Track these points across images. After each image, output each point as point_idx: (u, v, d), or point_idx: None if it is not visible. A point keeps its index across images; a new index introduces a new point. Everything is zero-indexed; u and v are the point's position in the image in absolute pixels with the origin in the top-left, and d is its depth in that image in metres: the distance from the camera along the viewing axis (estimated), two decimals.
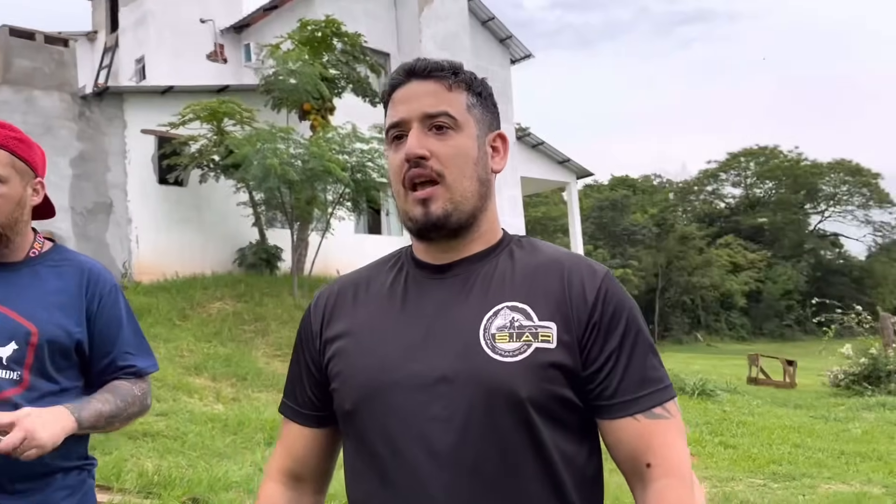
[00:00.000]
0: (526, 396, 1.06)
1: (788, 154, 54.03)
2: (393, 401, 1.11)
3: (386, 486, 1.11)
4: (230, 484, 4.98)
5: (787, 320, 48.46)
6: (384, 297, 1.20)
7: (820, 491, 6.56)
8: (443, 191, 1.13)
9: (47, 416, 1.56)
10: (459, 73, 1.19)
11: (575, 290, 1.12)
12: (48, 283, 1.76)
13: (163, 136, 13.33)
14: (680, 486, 1.09)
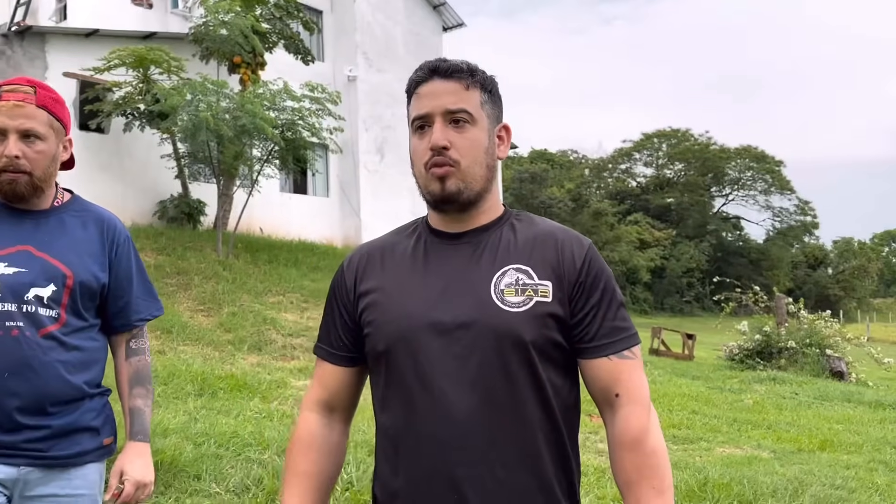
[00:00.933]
0: (529, 339, 1.35)
1: (699, 138, 56.05)
2: (421, 343, 1.37)
3: (414, 411, 1.38)
4: (168, 430, 5.12)
5: (688, 297, 50.72)
6: (408, 259, 1.46)
7: (715, 453, 7.16)
8: (457, 172, 1.40)
9: (137, 461, 1.91)
10: (476, 74, 1.44)
11: (566, 257, 1.40)
12: (75, 231, 1.94)
13: (85, 80, 12.91)
14: (641, 410, 1.38)
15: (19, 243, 1.85)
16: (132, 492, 1.89)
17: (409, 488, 1.38)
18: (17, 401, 1.78)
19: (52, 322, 1.84)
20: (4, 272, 1.81)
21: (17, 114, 1.80)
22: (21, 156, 1.80)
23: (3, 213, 1.87)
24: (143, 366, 2.05)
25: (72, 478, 1.87)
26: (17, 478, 1.81)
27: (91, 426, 1.91)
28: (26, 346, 1.79)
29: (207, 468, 4.49)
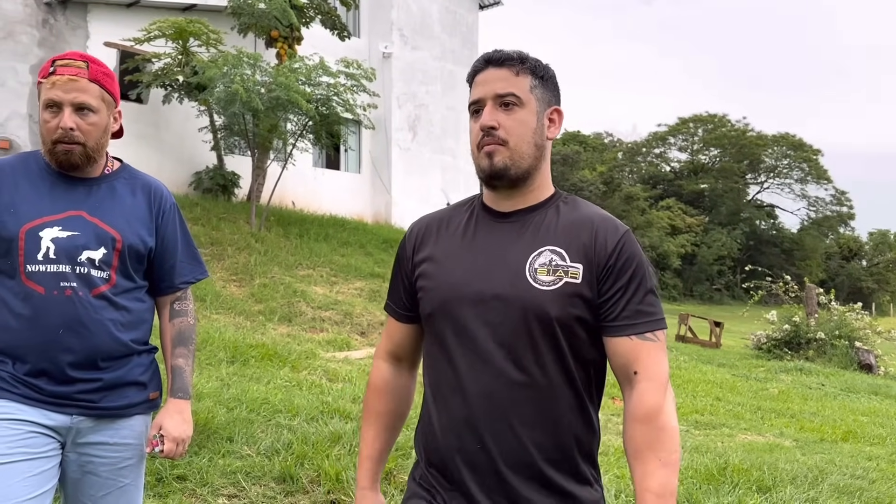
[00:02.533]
0: (555, 316, 1.49)
1: (736, 123, 55.28)
2: (460, 310, 1.54)
3: (453, 367, 1.55)
4: (202, 395, 5.29)
5: (717, 284, 50.30)
6: (460, 233, 1.61)
7: (737, 440, 7.20)
8: (504, 150, 1.52)
9: (176, 417, 2.02)
10: (526, 61, 1.56)
11: (599, 242, 1.51)
12: (125, 198, 2.06)
13: (126, 50, 13.11)
14: (656, 388, 1.48)
15: (72, 208, 1.96)
16: (173, 448, 2.02)
17: (441, 433, 1.56)
18: (71, 356, 1.91)
19: (103, 283, 1.96)
20: (59, 235, 1.92)
21: (71, 87, 1.90)
22: (75, 128, 1.91)
23: (57, 181, 1.99)
24: (186, 326, 2.16)
25: (120, 428, 2.01)
26: (70, 426, 1.94)
27: (139, 381, 2.05)
28: (79, 305, 1.92)
29: (239, 431, 4.65)
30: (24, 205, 1.92)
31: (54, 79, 1.90)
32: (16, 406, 1.88)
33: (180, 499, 3.69)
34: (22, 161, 2.01)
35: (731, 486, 4.94)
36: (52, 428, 1.92)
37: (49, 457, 1.90)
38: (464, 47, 20.12)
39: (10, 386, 1.89)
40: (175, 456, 2.04)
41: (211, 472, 4.03)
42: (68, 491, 2.03)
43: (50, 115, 1.91)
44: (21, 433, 1.86)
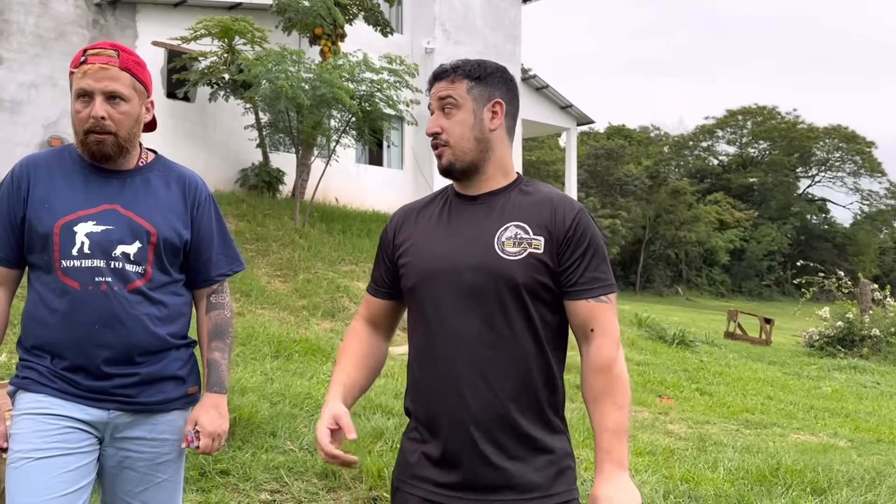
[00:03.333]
0: (521, 282, 1.68)
1: (786, 116, 54.09)
2: (439, 281, 1.73)
3: (431, 333, 1.74)
4: (246, 389, 5.32)
5: (767, 280, 49.28)
6: (435, 217, 1.83)
7: (789, 439, 7.01)
8: (448, 150, 1.76)
9: (212, 412, 2.01)
10: (458, 69, 1.77)
11: (558, 218, 1.71)
12: (159, 190, 2.02)
13: (173, 49, 13.30)
14: (610, 343, 1.69)
15: (106, 202, 1.93)
16: (209, 444, 1.99)
17: (425, 394, 1.75)
18: (107, 351, 1.89)
19: (138, 277, 1.93)
20: (93, 230, 1.90)
21: (102, 76, 1.88)
22: (106, 116, 1.88)
23: (91, 174, 1.96)
24: (223, 320, 2.12)
25: (158, 423, 1.99)
26: (107, 421, 1.92)
27: (177, 375, 2.02)
28: (114, 300, 1.89)
29: (282, 426, 4.66)
30: (58, 200, 1.91)
31: (85, 68, 1.87)
32: (53, 401, 1.87)
33: (223, 494, 3.70)
34: (56, 155, 1.99)
35: (784, 488, 4.80)
36: (89, 423, 1.90)
37: (85, 452, 1.88)
38: (506, 41, 20.00)
39: (48, 381, 1.89)
40: (211, 451, 2.01)
41: (254, 467, 4.04)
42: (106, 486, 2.02)
43: (81, 104, 1.89)
44: (58, 428, 1.85)
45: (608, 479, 1.61)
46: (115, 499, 2.02)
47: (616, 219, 40.04)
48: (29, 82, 12.08)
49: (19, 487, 1.80)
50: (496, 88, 1.78)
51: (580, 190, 36.30)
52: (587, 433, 5.84)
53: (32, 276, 1.97)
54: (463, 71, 1.76)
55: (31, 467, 1.81)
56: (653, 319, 14.84)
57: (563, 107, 22.67)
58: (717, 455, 5.71)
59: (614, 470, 1.62)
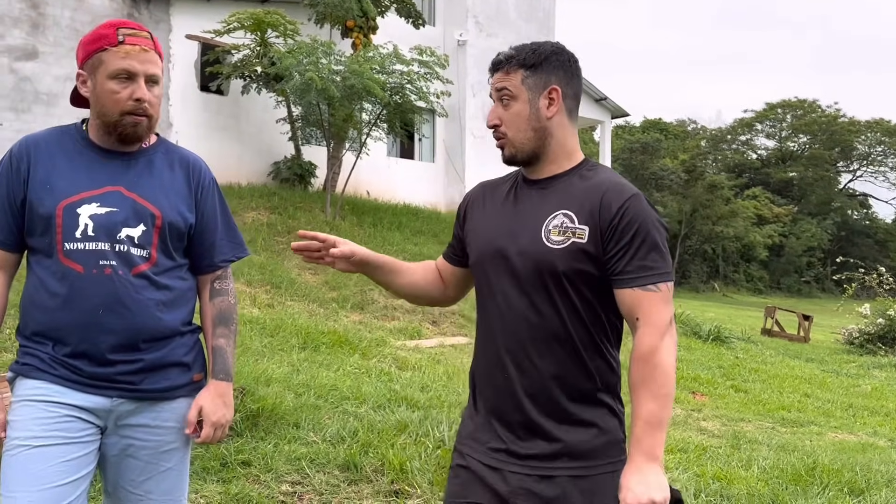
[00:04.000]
0: (562, 270, 1.73)
1: (827, 109, 52.97)
2: (493, 262, 1.82)
3: (485, 311, 1.86)
4: (271, 379, 5.30)
5: (807, 277, 48.38)
6: (501, 198, 1.90)
7: (826, 438, 6.82)
8: (507, 142, 1.81)
9: (217, 400, 1.97)
10: (512, 59, 1.79)
11: (605, 205, 1.72)
12: (163, 173, 1.97)
13: (207, 42, 13.38)
14: (654, 332, 1.69)
15: (110, 183, 1.88)
16: (210, 433, 1.94)
17: (480, 368, 1.87)
18: (112, 336, 1.84)
19: (143, 261, 1.88)
20: (97, 212, 1.85)
21: (144, 59, 1.84)
22: (145, 99, 1.85)
23: (95, 155, 1.91)
24: (227, 306, 2.07)
25: (162, 410, 1.93)
26: (110, 408, 1.87)
27: (182, 361, 1.96)
28: (119, 285, 1.84)
29: (306, 417, 4.62)
30: (60, 180, 1.86)
31: (127, 48, 1.83)
32: (54, 388, 1.83)
33: (244, 484, 3.67)
34: (56, 134, 1.94)
35: (821, 488, 4.65)
36: (90, 411, 1.85)
37: (85, 442, 1.84)
38: (540, 33, 19.78)
39: (49, 367, 1.84)
40: (212, 441, 1.96)
41: (276, 458, 4.00)
42: (108, 476, 1.97)
43: (119, 85, 1.84)
44: (58, 416, 1.80)
45: (635, 470, 1.62)
46: (118, 488, 1.96)
47: None
48: (64, 75, 12.24)
49: (16, 476, 1.75)
50: (552, 74, 1.79)
51: None
52: None
53: (32, 260, 1.92)
54: (517, 60, 1.78)
55: (29, 455, 1.76)
56: (687, 315, 14.61)
57: (598, 99, 22.40)
58: (752, 453, 5.56)
59: (643, 461, 1.62)
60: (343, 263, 1.96)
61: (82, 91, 1.91)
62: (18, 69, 11.94)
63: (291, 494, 3.72)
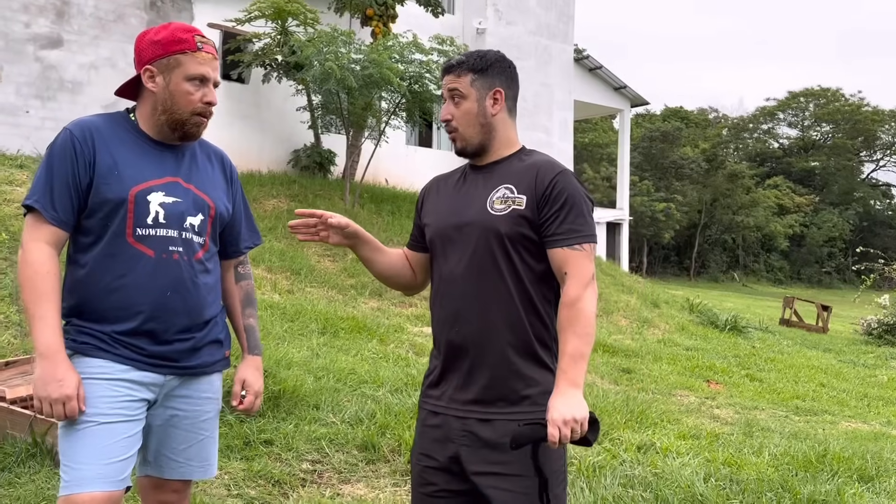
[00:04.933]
0: (504, 232, 1.99)
1: (850, 98, 52.33)
2: (446, 234, 2.08)
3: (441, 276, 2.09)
4: (292, 363, 5.44)
5: (828, 267, 47.98)
6: (452, 184, 2.18)
7: (840, 427, 6.87)
8: (458, 135, 2.08)
9: (255, 372, 2.18)
10: (463, 63, 2.06)
11: (539, 179, 2.00)
12: (205, 165, 2.13)
13: (228, 31, 13.51)
14: (580, 284, 1.94)
15: (170, 174, 2.02)
16: (252, 401, 2.13)
17: (437, 326, 2.10)
18: (177, 317, 2.00)
19: (200, 248, 2.06)
20: (165, 200, 1.99)
21: (215, 66, 2.04)
22: (214, 103, 2.02)
23: (149, 146, 2.03)
24: (251, 289, 2.26)
25: (201, 383, 2.11)
26: (162, 384, 2.03)
27: (218, 339, 2.14)
28: (184, 269, 2.00)
29: (326, 400, 4.76)
30: (128, 168, 1.97)
31: (204, 55, 1.99)
32: (117, 367, 1.95)
33: (266, 462, 3.81)
34: (109, 121, 2.03)
35: (830, 475, 4.71)
36: (147, 387, 1.99)
37: (138, 420, 1.98)
38: (559, 21, 19.75)
39: (110, 346, 1.96)
40: (254, 409, 2.13)
41: (296, 437, 4.14)
42: (151, 445, 2.10)
43: (194, 87, 1.99)
44: (122, 395, 1.94)
45: (561, 394, 1.86)
46: (159, 456, 2.11)
47: (671, 202, 39.35)
48: (89, 63, 12.43)
49: (84, 450, 1.88)
50: (496, 77, 2.07)
51: (634, 173, 35.80)
52: (630, 415, 5.82)
53: (85, 243, 1.99)
54: (467, 65, 2.05)
55: (96, 431, 1.89)
56: (704, 305, 14.62)
57: (617, 88, 22.34)
58: (763, 440, 5.63)
59: (567, 387, 1.87)
60: (337, 235, 2.12)
61: (149, 85, 2.00)
62: (44, 57, 12.13)
63: (311, 472, 3.86)
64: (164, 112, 2.00)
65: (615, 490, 4.02)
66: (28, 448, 3.51)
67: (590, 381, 7.58)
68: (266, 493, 3.58)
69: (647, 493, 4.05)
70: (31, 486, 3.27)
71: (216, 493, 3.45)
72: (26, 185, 8.41)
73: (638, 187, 38.24)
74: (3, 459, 3.46)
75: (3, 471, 3.38)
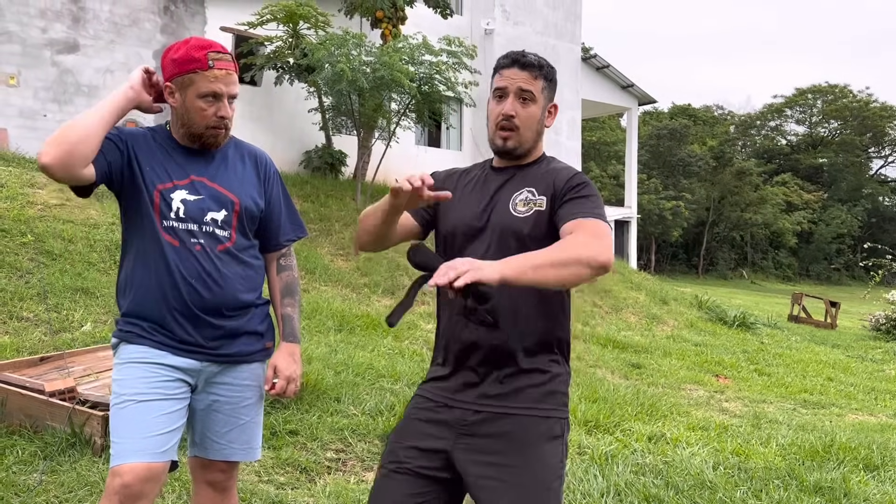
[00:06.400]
0: (527, 234, 1.98)
1: (858, 94, 52.23)
2: (465, 232, 2.07)
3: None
4: (312, 358, 5.61)
5: (836, 264, 47.92)
6: (473, 184, 2.15)
7: (846, 419, 6.99)
8: (515, 135, 2.05)
9: (288, 358, 2.29)
10: (543, 68, 2.06)
11: (558, 181, 2.02)
12: (236, 165, 2.29)
13: (240, 34, 13.71)
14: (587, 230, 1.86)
15: (195, 175, 2.21)
16: (284, 385, 2.26)
17: (448, 323, 2.06)
18: (201, 305, 2.15)
19: (226, 241, 2.21)
20: (187, 198, 2.17)
21: (229, 81, 2.16)
22: (229, 116, 2.18)
23: (180, 151, 2.22)
24: (292, 280, 2.39)
25: (241, 371, 2.26)
26: (200, 369, 2.19)
27: (257, 330, 2.28)
28: (207, 259, 2.16)
29: (346, 393, 4.93)
30: (156, 168, 2.17)
31: (216, 73, 2.13)
32: (155, 352, 2.14)
33: (292, 451, 3.98)
34: (149, 133, 2.25)
35: (836, 463, 4.85)
36: (184, 371, 2.16)
37: (179, 398, 2.15)
38: (567, 21, 19.88)
39: (148, 333, 2.15)
40: (288, 393, 2.27)
41: (320, 428, 4.31)
42: (196, 428, 2.28)
43: (207, 104, 2.14)
44: (158, 376, 2.11)
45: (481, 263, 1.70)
46: (204, 439, 2.28)
47: (679, 200, 39.39)
48: (104, 68, 12.64)
49: (125, 426, 2.07)
50: (554, 92, 2.12)
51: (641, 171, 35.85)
52: (640, 407, 5.97)
53: (130, 239, 2.21)
54: (544, 72, 2.06)
55: (135, 409, 2.07)
56: (713, 301, 14.73)
57: (625, 86, 22.44)
58: (771, 432, 5.77)
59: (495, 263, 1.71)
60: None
61: (169, 101, 2.20)
62: (60, 62, 12.35)
63: (336, 460, 4.03)
64: (183, 125, 2.19)
65: (627, 477, 4.17)
66: (68, 438, 3.69)
67: (600, 376, 7.73)
68: (294, 479, 3.75)
69: (657, 480, 4.20)
70: (72, 473, 3.45)
71: (248, 480, 3.62)
72: (48, 187, 8.61)
73: (646, 185, 38.29)
74: (45, 449, 3.64)
75: (46, 459, 3.56)
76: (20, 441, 3.70)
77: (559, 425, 1.99)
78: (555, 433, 1.97)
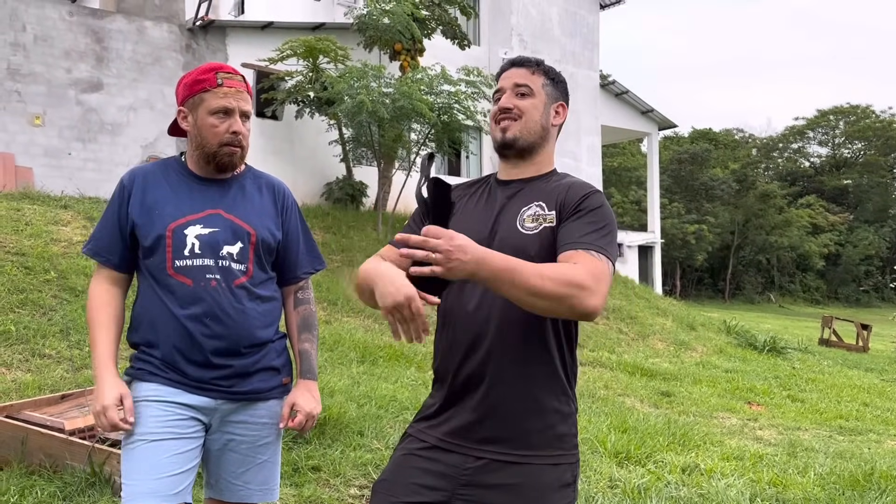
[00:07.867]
0: (534, 254, 1.79)
1: (881, 115, 51.76)
2: None
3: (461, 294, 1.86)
4: (334, 391, 5.53)
5: (865, 286, 47.15)
6: (476, 199, 2.00)
7: (885, 446, 6.76)
8: (515, 124, 1.92)
9: (306, 395, 2.21)
10: (541, 65, 1.98)
11: (569, 196, 1.87)
12: (254, 196, 2.22)
13: (261, 70, 13.85)
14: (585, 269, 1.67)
15: (210, 207, 2.14)
16: (303, 421, 2.17)
17: (447, 353, 1.88)
18: (216, 342, 2.07)
19: (242, 275, 2.13)
20: (202, 232, 2.10)
21: (239, 98, 2.12)
22: (242, 133, 2.13)
23: (195, 183, 2.17)
24: (309, 314, 2.31)
25: (258, 408, 2.17)
26: (214, 407, 2.11)
27: (273, 366, 2.20)
28: (223, 295, 2.09)
29: (369, 426, 4.83)
30: (167, 206, 2.12)
31: (225, 90, 2.10)
32: (167, 389, 2.07)
33: (315, 488, 3.88)
34: (161, 166, 2.21)
35: (878, 493, 4.66)
36: (198, 409, 2.09)
37: (193, 438, 2.07)
38: (584, 49, 19.94)
39: (161, 371, 2.08)
40: (305, 429, 2.18)
41: (343, 463, 4.21)
42: (210, 469, 2.20)
43: (218, 119, 2.10)
44: (171, 415, 2.04)
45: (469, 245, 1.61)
46: (220, 480, 2.19)
47: (702, 224, 39.06)
48: (128, 105, 12.81)
49: (137, 466, 2.00)
50: (563, 94, 2.01)
51: (663, 196, 35.64)
52: (672, 437, 5.81)
53: (143, 277, 2.17)
54: (543, 68, 1.98)
55: (147, 448, 2.00)
56: (741, 326, 14.49)
57: (644, 111, 22.37)
58: (808, 460, 5.59)
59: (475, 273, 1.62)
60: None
61: (182, 125, 2.16)
62: (84, 101, 12.54)
63: (359, 497, 3.92)
64: (197, 147, 2.14)
65: None
66: (87, 477, 3.63)
67: (629, 405, 7.57)
68: None
69: None
70: None
71: None
72: (71, 224, 8.68)
73: (668, 210, 38.04)
74: (64, 489, 3.58)
75: (65, 500, 3.49)
76: (39, 481, 3.64)
77: (570, 472, 1.83)
78: (565, 481, 1.82)
